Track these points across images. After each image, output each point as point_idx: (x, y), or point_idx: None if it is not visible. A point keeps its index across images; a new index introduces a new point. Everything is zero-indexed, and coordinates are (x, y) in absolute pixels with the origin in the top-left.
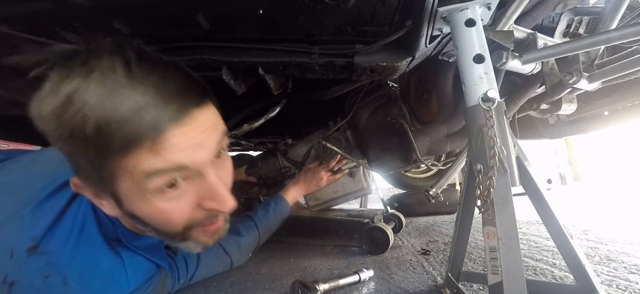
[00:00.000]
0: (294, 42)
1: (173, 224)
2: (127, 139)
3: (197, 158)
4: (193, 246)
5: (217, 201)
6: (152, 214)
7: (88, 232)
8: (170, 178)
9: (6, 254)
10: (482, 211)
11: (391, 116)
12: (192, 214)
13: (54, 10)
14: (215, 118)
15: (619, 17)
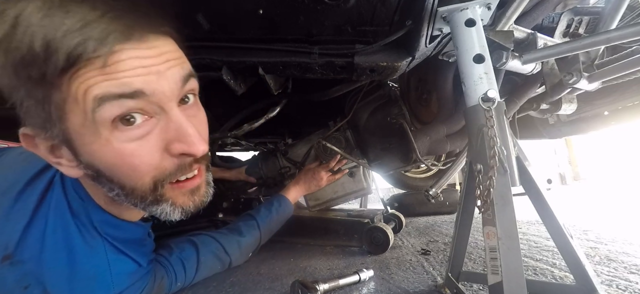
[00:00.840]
0: (294, 42)
1: (139, 175)
2: (73, 54)
3: (157, 87)
4: (169, 210)
5: (186, 142)
6: (113, 161)
7: (65, 231)
8: (125, 108)
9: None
10: (482, 211)
11: (391, 116)
12: (160, 163)
13: None
14: (178, 53)
15: (619, 17)
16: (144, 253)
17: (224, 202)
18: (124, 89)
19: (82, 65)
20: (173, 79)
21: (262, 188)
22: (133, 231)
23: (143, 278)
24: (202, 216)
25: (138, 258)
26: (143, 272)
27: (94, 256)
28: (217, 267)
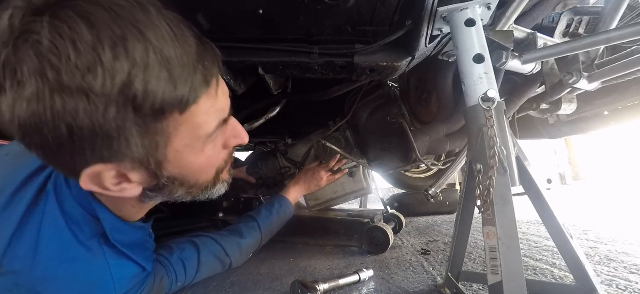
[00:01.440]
0: (294, 42)
1: (211, 171)
2: (189, 100)
3: (228, 101)
4: (221, 188)
5: (240, 137)
6: (201, 166)
7: (61, 240)
8: (219, 120)
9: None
10: (482, 211)
11: (391, 116)
12: (223, 157)
13: None
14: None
15: (619, 17)
16: (148, 257)
17: (225, 201)
18: (224, 114)
19: (201, 95)
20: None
21: (262, 188)
22: (137, 233)
23: (144, 279)
24: (202, 215)
25: (142, 262)
26: (145, 274)
27: (94, 263)
28: (218, 268)
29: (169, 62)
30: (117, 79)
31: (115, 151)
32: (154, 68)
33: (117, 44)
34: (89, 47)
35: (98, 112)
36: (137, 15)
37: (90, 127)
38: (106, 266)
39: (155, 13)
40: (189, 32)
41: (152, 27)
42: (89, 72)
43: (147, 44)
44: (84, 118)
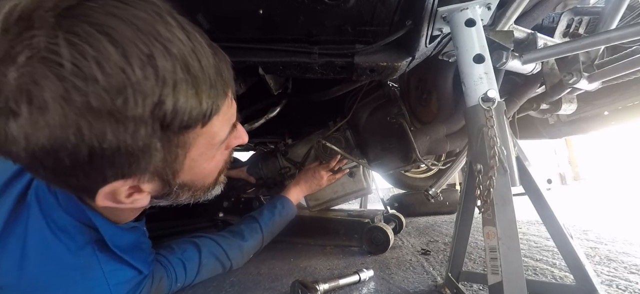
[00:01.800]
0: (294, 42)
1: (216, 174)
2: (211, 114)
3: (235, 105)
4: (218, 189)
5: (241, 137)
6: (211, 170)
7: (49, 251)
8: (230, 126)
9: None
10: (482, 211)
11: (391, 116)
12: (225, 158)
13: None
14: None
15: (619, 17)
16: (144, 259)
17: (225, 201)
18: (234, 119)
19: (215, 114)
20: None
21: (262, 188)
22: (132, 235)
23: (141, 282)
24: (202, 215)
25: (138, 265)
26: (141, 277)
27: (88, 271)
28: (218, 270)
29: (195, 79)
30: (148, 101)
31: (136, 167)
32: (182, 86)
33: (145, 63)
34: (117, 67)
35: (127, 133)
36: (159, 27)
37: (116, 148)
38: (101, 273)
39: (175, 24)
40: (203, 39)
41: (176, 42)
42: (118, 94)
43: (174, 61)
44: (111, 140)
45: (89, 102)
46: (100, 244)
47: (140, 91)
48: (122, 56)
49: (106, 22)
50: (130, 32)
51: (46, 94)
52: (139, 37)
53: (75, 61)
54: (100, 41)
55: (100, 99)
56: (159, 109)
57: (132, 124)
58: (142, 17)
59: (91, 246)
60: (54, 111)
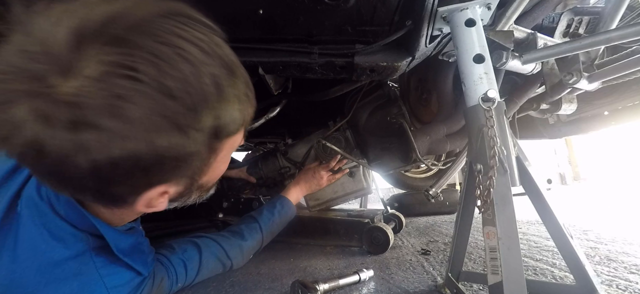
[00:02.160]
0: (294, 42)
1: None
2: (248, 114)
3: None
4: (212, 190)
5: (242, 139)
6: (220, 173)
7: (45, 258)
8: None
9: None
10: (482, 211)
11: (391, 116)
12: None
13: None
14: None
15: (619, 17)
16: (144, 260)
17: (225, 201)
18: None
19: (245, 124)
20: None
21: (262, 188)
22: (130, 237)
23: (140, 283)
24: (202, 215)
25: (138, 266)
26: (140, 279)
27: (85, 277)
28: (219, 269)
29: (239, 96)
30: (212, 115)
31: (179, 172)
32: (234, 104)
33: (212, 82)
34: (193, 86)
35: (189, 143)
36: (216, 49)
37: (175, 156)
38: (98, 278)
39: (223, 44)
40: (235, 57)
41: (227, 60)
42: (192, 110)
43: (229, 79)
44: (175, 149)
45: (168, 117)
46: (98, 249)
47: (208, 107)
48: (196, 76)
49: (177, 43)
50: (198, 53)
51: (131, 109)
52: (205, 57)
53: (158, 79)
54: (176, 61)
55: (178, 115)
56: (218, 121)
57: (194, 135)
58: (204, 40)
59: (88, 253)
60: (136, 125)
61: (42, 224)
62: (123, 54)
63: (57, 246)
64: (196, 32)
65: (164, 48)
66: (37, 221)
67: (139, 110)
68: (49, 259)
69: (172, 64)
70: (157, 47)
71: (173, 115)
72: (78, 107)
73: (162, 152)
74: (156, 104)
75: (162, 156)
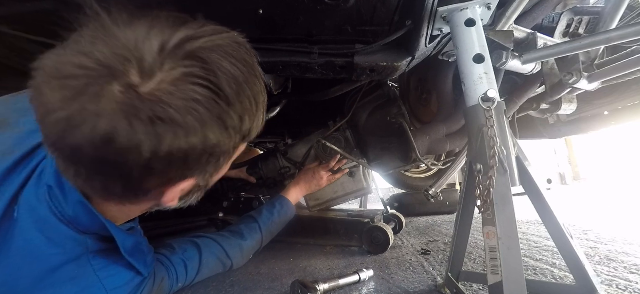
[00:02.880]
0: (294, 42)
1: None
2: (263, 120)
3: None
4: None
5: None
6: (224, 172)
7: (43, 263)
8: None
9: None
10: (482, 211)
11: (391, 116)
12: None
13: (53, 10)
14: None
15: (619, 17)
16: (145, 261)
17: (225, 201)
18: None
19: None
20: None
21: (262, 188)
22: (131, 237)
23: (140, 284)
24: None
25: (139, 266)
26: (140, 279)
27: (83, 281)
28: (219, 269)
29: (264, 106)
30: (252, 121)
31: (209, 167)
32: (261, 111)
33: (256, 94)
34: (246, 98)
35: (229, 143)
36: (255, 65)
37: (215, 152)
38: (96, 280)
39: (256, 61)
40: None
41: (260, 74)
42: (242, 118)
43: (264, 93)
44: (219, 147)
45: (222, 119)
46: (96, 252)
47: (252, 115)
48: (250, 89)
49: (236, 62)
50: (246, 71)
51: (201, 110)
52: (251, 75)
53: (222, 88)
54: (238, 77)
55: (234, 120)
56: (250, 126)
57: (234, 135)
58: (249, 61)
59: (85, 256)
60: (202, 123)
61: (41, 231)
62: (197, 67)
63: (55, 252)
64: (244, 55)
65: (227, 65)
66: (35, 227)
67: (207, 112)
68: (46, 266)
69: (230, 79)
70: (222, 64)
71: (227, 118)
72: (160, 104)
73: (209, 146)
74: (218, 108)
75: (207, 150)
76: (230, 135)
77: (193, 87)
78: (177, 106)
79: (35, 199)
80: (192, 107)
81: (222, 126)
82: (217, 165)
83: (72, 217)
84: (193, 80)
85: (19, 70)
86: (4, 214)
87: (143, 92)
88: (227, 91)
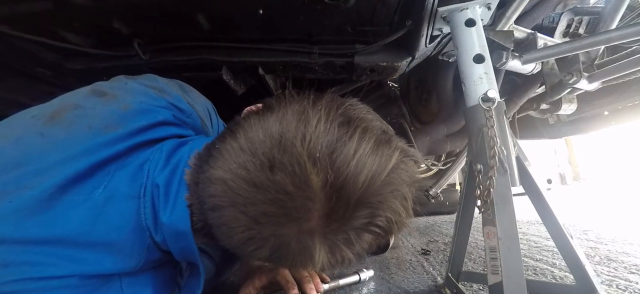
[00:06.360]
0: (294, 42)
1: None
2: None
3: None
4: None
5: None
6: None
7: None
8: None
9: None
10: (482, 211)
11: (391, 116)
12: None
13: (53, 10)
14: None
15: (619, 17)
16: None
17: None
18: None
19: None
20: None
21: None
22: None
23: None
24: None
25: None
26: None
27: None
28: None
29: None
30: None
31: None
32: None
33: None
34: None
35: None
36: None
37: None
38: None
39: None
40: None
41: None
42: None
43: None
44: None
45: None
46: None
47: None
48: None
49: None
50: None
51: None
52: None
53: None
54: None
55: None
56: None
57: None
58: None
59: (118, 278)
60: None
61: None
62: (363, 136)
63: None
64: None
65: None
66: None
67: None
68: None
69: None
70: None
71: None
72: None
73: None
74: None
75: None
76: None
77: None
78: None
79: (127, 188)
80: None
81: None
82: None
83: (161, 226)
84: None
85: (19, 70)
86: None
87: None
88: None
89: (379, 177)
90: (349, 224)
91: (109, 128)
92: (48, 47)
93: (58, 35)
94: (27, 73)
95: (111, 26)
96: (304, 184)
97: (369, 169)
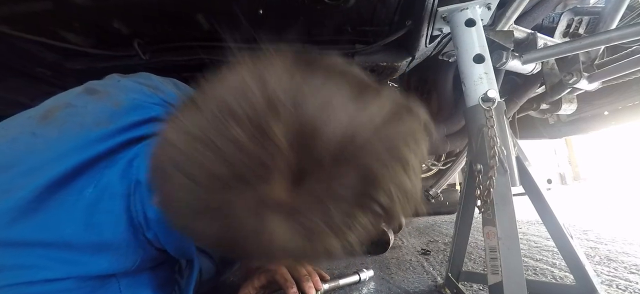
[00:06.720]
0: (294, 42)
1: None
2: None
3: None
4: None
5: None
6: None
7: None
8: None
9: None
10: (482, 211)
11: None
12: None
13: (53, 10)
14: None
15: (619, 17)
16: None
17: None
18: None
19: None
20: None
21: None
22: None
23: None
24: None
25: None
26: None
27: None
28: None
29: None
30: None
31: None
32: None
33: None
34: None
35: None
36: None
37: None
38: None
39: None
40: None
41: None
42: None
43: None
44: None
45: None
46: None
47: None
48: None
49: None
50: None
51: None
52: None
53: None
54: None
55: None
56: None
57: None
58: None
59: (116, 280)
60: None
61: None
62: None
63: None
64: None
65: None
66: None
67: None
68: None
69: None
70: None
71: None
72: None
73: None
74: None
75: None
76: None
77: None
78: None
79: (118, 186)
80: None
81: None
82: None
83: (150, 222)
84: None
85: (19, 70)
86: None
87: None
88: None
89: (367, 128)
90: (328, 192)
91: (100, 125)
92: (48, 47)
93: (58, 36)
94: (27, 73)
95: (111, 26)
96: (262, 135)
97: (352, 117)
